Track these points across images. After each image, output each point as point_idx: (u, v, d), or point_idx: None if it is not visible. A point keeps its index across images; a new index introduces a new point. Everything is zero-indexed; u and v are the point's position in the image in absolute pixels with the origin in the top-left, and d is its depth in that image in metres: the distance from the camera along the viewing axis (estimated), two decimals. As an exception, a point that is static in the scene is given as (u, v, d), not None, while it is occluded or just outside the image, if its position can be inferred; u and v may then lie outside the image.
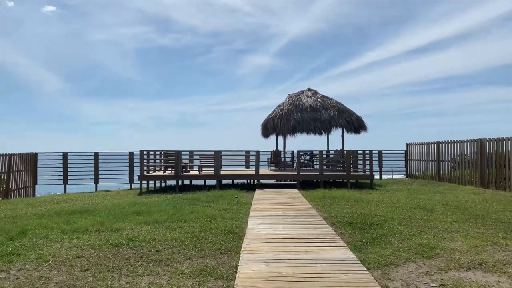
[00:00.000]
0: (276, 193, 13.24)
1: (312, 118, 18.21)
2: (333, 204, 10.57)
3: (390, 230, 7.14)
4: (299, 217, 8.53)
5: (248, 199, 11.88)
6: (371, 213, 8.92)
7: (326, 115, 18.35)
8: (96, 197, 13.81)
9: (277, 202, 10.96)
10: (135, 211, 9.28)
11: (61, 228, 7.36)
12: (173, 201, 11.28)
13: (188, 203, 10.96)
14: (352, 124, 18.56)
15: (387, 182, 18.25)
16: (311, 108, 18.59)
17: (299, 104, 18.78)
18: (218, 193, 13.23)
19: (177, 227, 7.54)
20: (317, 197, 11.98)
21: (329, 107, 18.70)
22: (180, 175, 15.25)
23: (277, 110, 18.92)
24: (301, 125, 18.09)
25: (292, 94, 19.96)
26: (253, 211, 9.45)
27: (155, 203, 10.79)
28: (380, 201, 11.24)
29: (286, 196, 12.48)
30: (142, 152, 15.21)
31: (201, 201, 11.35)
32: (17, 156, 17.47)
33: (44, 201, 12.92)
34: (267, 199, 11.79)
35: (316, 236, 6.63)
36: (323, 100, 19.15)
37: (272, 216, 8.65)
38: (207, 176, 15.72)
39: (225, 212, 9.29)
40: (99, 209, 9.89)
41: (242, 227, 7.45)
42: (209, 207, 10.16)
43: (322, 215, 8.83)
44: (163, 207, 10.00)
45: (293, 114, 18.32)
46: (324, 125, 18.29)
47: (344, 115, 18.52)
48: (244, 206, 10.40)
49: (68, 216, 8.96)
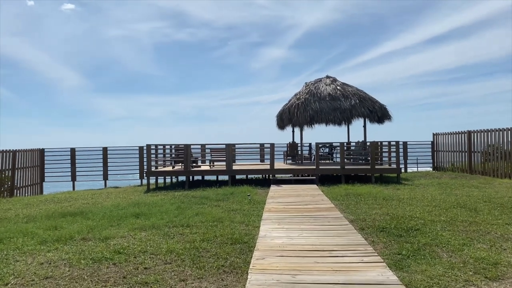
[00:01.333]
0: (293, 190, 12.01)
1: (331, 108, 16.83)
2: (359, 203, 9.28)
3: (434, 238, 5.83)
4: (321, 220, 7.29)
5: (261, 197, 10.69)
6: (405, 214, 7.60)
7: (346, 104, 16.95)
8: (100, 195, 12.84)
9: (295, 201, 9.74)
10: (133, 213, 8.20)
11: (42, 236, 6.31)
12: (179, 200, 10.18)
13: (195, 202, 9.84)
14: (375, 113, 17.10)
15: (414, 176, 16.79)
16: (330, 96, 17.21)
17: (317, 93, 17.42)
18: (229, 190, 12.08)
19: (177, 233, 6.40)
20: (340, 194, 10.70)
21: (349, 95, 17.28)
22: (190, 171, 14.16)
23: (293, 100, 17.60)
24: (319, 115, 16.74)
25: (309, 82, 18.60)
26: (267, 212, 8.25)
27: (159, 203, 9.70)
28: (411, 198, 9.89)
29: (304, 193, 11.24)
30: (149, 147, 14.15)
31: (210, 200, 10.21)
32: (22, 152, 16.66)
33: (44, 200, 12.00)
34: (283, 196, 10.57)
35: (344, 247, 5.38)
36: (343, 87, 17.74)
37: (289, 219, 7.43)
38: (219, 171, 14.59)
39: (234, 214, 8.12)
40: (95, 210, 8.86)
41: (252, 234, 6.25)
42: (217, 207, 9.01)
43: (348, 217, 7.56)
44: (166, 207, 8.89)
45: (310, 103, 16.98)
46: (345, 115, 16.90)
47: (366, 104, 17.08)
48: (257, 205, 9.20)
49: (59, 219, 7.94)
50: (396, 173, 14.43)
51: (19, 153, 16.40)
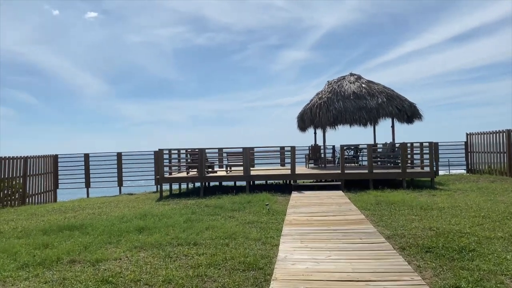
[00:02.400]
0: (316, 197, 10.90)
1: (356, 107, 15.63)
2: (394, 213, 8.10)
3: (498, 263, 4.65)
4: (352, 235, 6.18)
5: (282, 206, 9.64)
6: (452, 228, 6.40)
7: (372, 102, 15.72)
8: (109, 204, 12.05)
9: (319, 211, 8.63)
10: (137, 227, 7.29)
11: (24, 259, 5.44)
12: (190, 210, 9.23)
13: (207, 213, 8.87)
14: (404, 112, 15.80)
15: (448, 179, 15.38)
16: (355, 95, 16.02)
17: (340, 91, 16.25)
18: (246, 197, 11.07)
19: (181, 255, 5.42)
20: (369, 203, 9.54)
21: (376, 94, 16.04)
22: (205, 177, 13.22)
23: (315, 99, 16.47)
24: (343, 116, 15.56)
25: (331, 80, 17.44)
26: (287, 225, 7.19)
27: (168, 214, 8.78)
28: (453, 207, 8.64)
29: (330, 201, 10.11)
30: (161, 152, 13.30)
31: (224, 210, 9.23)
32: (35, 159, 16.10)
33: (51, 210, 11.29)
34: (305, 205, 9.49)
35: (384, 276, 4.28)
36: (369, 85, 16.51)
37: (313, 235, 6.35)
38: (236, 177, 13.59)
39: (250, 228, 7.09)
40: (97, 223, 7.99)
41: (270, 256, 5.20)
42: (231, 219, 8.00)
43: (383, 232, 6.43)
44: (174, 220, 7.95)
45: (333, 103, 15.82)
46: (371, 115, 15.67)
47: (394, 102, 15.80)
48: (277, 216, 8.15)
49: (55, 234, 7.10)
50: (430, 177, 13.12)
51: (31, 159, 15.84)
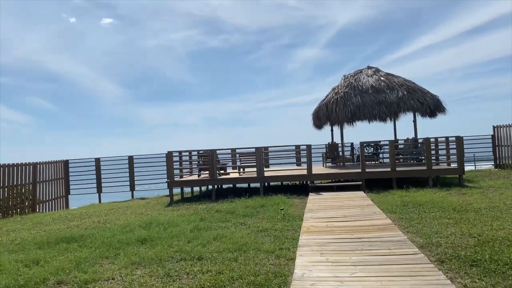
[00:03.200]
0: (335, 199, 10.09)
1: (376, 101, 14.72)
2: (424, 216, 7.24)
3: None
4: (379, 245, 5.38)
5: (298, 210, 8.87)
6: (497, 235, 5.52)
7: (392, 96, 14.79)
8: (117, 210, 11.48)
9: (339, 215, 7.84)
10: (139, 238, 6.63)
11: (6, 281, 4.82)
12: (199, 217, 8.55)
13: (217, 219, 8.17)
14: (426, 106, 14.80)
15: (476, 176, 14.35)
16: (373, 88, 15.11)
17: (357, 85, 15.36)
18: (260, 200, 10.34)
19: (182, 272, 4.72)
20: (395, 204, 8.68)
21: (395, 87, 15.11)
22: (216, 179, 12.54)
23: (331, 95, 15.62)
24: (362, 111, 14.67)
25: (348, 74, 16.55)
26: (305, 233, 6.42)
27: (175, 221, 8.11)
28: (491, 207, 7.73)
29: (350, 203, 9.30)
30: (171, 154, 12.67)
31: (236, 215, 8.51)
32: (44, 165, 15.72)
33: (58, 218, 10.78)
34: (324, 209, 8.70)
35: (424, 300, 3.49)
36: (388, 78, 15.57)
37: (335, 245, 5.57)
38: (249, 179, 12.86)
39: (263, 237, 6.35)
40: (98, 234, 7.37)
41: (284, 275, 4.44)
42: (243, 227, 7.28)
43: (415, 239, 5.60)
44: (181, 228, 7.28)
45: (351, 97, 14.95)
46: (391, 109, 14.73)
47: (416, 95, 14.84)
48: (293, 223, 7.39)
49: (50, 248, 6.51)
50: (458, 174, 12.14)
51: (41, 165, 15.45)
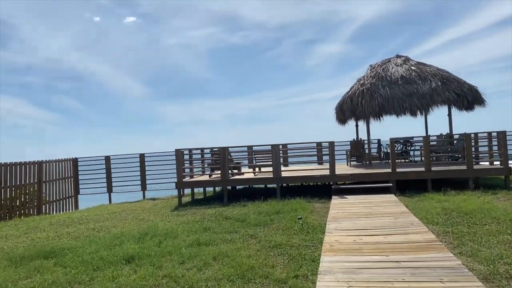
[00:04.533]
0: (363, 204, 8.75)
1: (406, 93, 13.23)
2: (476, 230, 5.84)
3: None
4: (425, 274, 4.06)
5: (319, 218, 7.59)
6: None
7: (425, 87, 13.27)
8: (119, 214, 10.47)
9: (369, 226, 6.51)
10: (126, 255, 5.51)
11: None
12: (203, 226, 7.37)
13: (223, 230, 6.98)
14: (463, 98, 13.22)
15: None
16: (404, 79, 13.61)
17: (386, 76, 13.89)
18: (276, 205, 9.11)
19: (162, 313, 3.56)
20: (435, 213, 7.29)
21: (428, 77, 13.57)
22: (228, 180, 11.35)
23: (357, 86, 14.19)
24: (391, 104, 13.20)
25: (375, 64, 15.07)
26: (327, 252, 5.15)
27: (175, 231, 6.97)
28: (558, 219, 6.26)
29: (381, 210, 7.94)
30: (180, 152, 11.55)
31: (246, 225, 7.31)
32: (51, 163, 14.89)
33: (56, 222, 9.85)
34: (350, 217, 7.38)
35: None
36: (419, 68, 14.04)
37: (366, 273, 4.28)
38: (264, 180, 11.60)
39: (275, 257, 5.12)
40: (81, 248, 6.31)
41: (299, 324, 3.22)
42: (252, 240, 6.07)
43: (473, 266, 4.25)
44: (178, 242, 6.13)
45: (378, 89, 13.50)
46: (424, 101, 13.20)
47: (451, 86, 13.27)
48: (313, 236, 6.12)
49: (20, 266, 5.47)
50: (504, 174, 10.58)
51: (47, 164, 14.63)
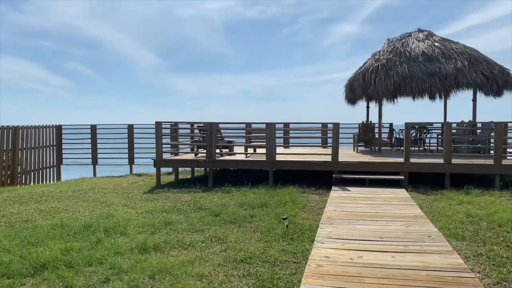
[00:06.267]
0: (368, 200, 7.25)
1: (427, 73, 11.49)
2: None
3: None
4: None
5: (312, 216, 6.11)
6: None
7: (449, 67, 11.50)
8: (86, 193, 9.10)
9: (374, 237, 5.00)
10: (37, 263, 4.12)
11: None
12: (168, 219, 5.95)
13: (189, 227, 5.54)
14: (493, 81, 11.44)
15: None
16: (425, 56, 11.84)
17: (405, 52, 12.11)
18: (264, 195, 7.65)
19: None
20: (458, 220, 5.76)
21: (453, 55, 11.78)
22: (215, 161, 9.88)
23: (370, 62, 12.42)
24: (409, 83, 11.47)
25: (393, 38, 13.24)
26: (310, 278, 3.66)
27: (129, 224, 5.56)
28: None
29: (390, 211, 6.43)
30: (160, 125, 10.06)
31: (219, 221, 5.86)
32: (29, 129, 13.51)
33: (13, 197, 8.55)
34: (350, 218, 5.88)
35: None
36: (444, 44, 12.23)
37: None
38: (256, 163, 10.09)
39: (236, 281, 3.64)
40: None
41: None
42: (216, 248, 4.60)
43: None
44: (123, 241, 4.71)
45: (395, 66, 11.75)
46: (446, 83, 11.46)
47: (480, 67, 11.48)
48: (296, 246, 4.64)
49: None
50: (538, 173, 8.97)
51: (24, 130, 13.25)
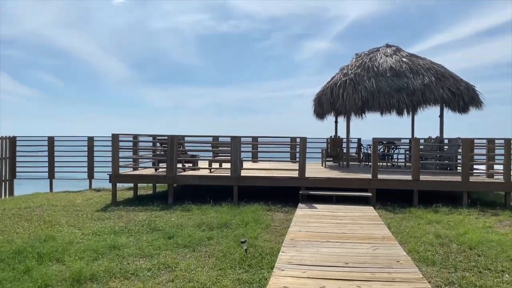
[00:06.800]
0: (335, 219, 6.86)
1: (395, 88, 11.41)
2: (493, 283, 4.00)
3: None
4: None
5: (275, 238, 5.65)
6: None
7: (417, 82, 11.47)
8: (33, 211, 8.31)
9: (339, 262, 4.57)
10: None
11: None
12: (115, 242, 5.35)
13: (137, 252, 4.96)
14: (459, 97, 11.47)
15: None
16: (393, 71, 11.78)
17: (372, 66, 12.02)
18: (226, 213, 7.14)
19: None
20: (427, 242, 5.43)
21: (421, 71, 11.78)
22: (176, 176, 9.29)
23: (338, 76, 12.24)
24: (376, 98, 11.34)
25: (361, 53, 13.17)
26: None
27: (67, 249, 4.94)
28: None
29: (357, 232, 6.03)
30: (116, 138, 9.41)
31: (172, 244, 5.30)
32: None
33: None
34: (314, 240, 5.44)
35: None
36: (411, 60, 12.23)
37: None
38: (220, 179, 9.52)
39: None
40: None
41: None
42: (162, 278, 4.05)
43: None
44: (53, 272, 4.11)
45: (363, 81, 11.61)
46: (414, 98, 11.41)
47: (446, 83, 11.50)
48: (254, 274, 4.15)
49: None
50: (506, 190, 8.87)
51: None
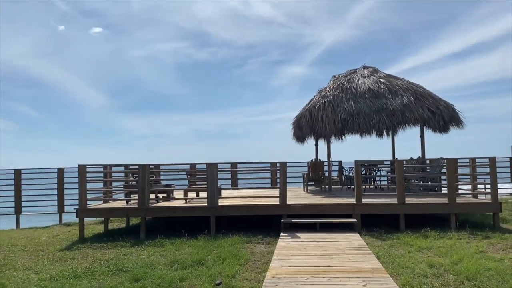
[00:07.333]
0: (319, 250, 6.34)
1: (374, 109, 11.20)
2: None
3: None
4: None
5: (253, 277, 5.08)
6: None
7: (396, 102, 11.30)
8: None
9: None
10: None
11: None
12: (81, 283, 4.70)
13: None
14: (439, 117, 11.32)
15: (505, 208, 10.79)
16: (371, 92, 11.60)
17: (351, 88, 11.83)
18: (202, 248, 6.54)
19: None
20: (421, 273, 4.97)
21: (399, 91, 11.64)
22: (147, 209, 8.64)
23: (317, 98, 11.97)
24: (356, 120, 11.09)
25: (339, 75, 13.01)
26: None
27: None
28: None
29: (344, 264, 5.52)
30: (83, 169, 8.73)
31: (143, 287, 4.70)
32: None
33: None
34: (298, 277, 4.89)
35: None
36: (389, 80, 12.11)
37: None
38: (194, 209, 8.89)
39: None
40: None
41: None
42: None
43: None
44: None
45: (342, 102, 11.38)
46: (394, 119, 11.21)
47: (425, 103, 11.38)
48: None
49: None
50: (493, 211, 8.55)
51: None
